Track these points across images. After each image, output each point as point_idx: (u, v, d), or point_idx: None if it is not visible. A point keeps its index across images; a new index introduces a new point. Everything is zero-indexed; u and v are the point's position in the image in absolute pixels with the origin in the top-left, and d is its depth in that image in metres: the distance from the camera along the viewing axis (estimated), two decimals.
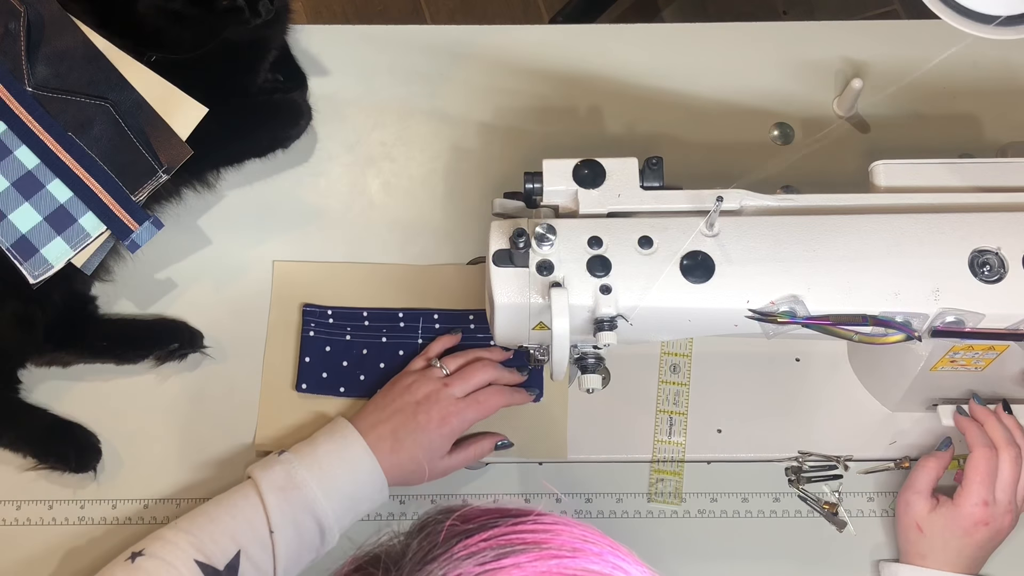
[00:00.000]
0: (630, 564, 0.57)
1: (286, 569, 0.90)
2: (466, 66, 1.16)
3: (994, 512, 0.92)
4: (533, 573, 0.54)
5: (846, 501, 1.01)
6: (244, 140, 1.09)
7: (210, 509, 0.91)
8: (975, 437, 0.94)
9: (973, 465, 0.93)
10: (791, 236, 0.86)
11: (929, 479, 0.96)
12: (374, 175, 1.13)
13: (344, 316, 1.06)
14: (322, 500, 0.91)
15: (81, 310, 1.05)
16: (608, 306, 0.84)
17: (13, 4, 0.99)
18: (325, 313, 1.06)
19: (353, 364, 1.05)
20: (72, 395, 1.04)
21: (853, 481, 1.02)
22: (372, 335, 1.06)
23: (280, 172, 1.12)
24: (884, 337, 0.85)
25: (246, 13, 0.99)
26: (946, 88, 1.15)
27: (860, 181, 0.94)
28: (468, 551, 0.55)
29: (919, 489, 0.96)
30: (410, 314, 1.06)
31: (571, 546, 0.56)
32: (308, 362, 1.04)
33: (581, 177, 0.89)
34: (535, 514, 0.57)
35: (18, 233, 0.97)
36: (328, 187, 1.12)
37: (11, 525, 1.01)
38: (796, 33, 1.18)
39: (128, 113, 0.99)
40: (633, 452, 1.03)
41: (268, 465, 0.93)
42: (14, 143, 0.98)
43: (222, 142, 1.06)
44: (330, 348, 1.05)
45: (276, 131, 1.10)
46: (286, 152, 1.12)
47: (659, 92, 1.15)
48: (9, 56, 0.98)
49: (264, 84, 1.10)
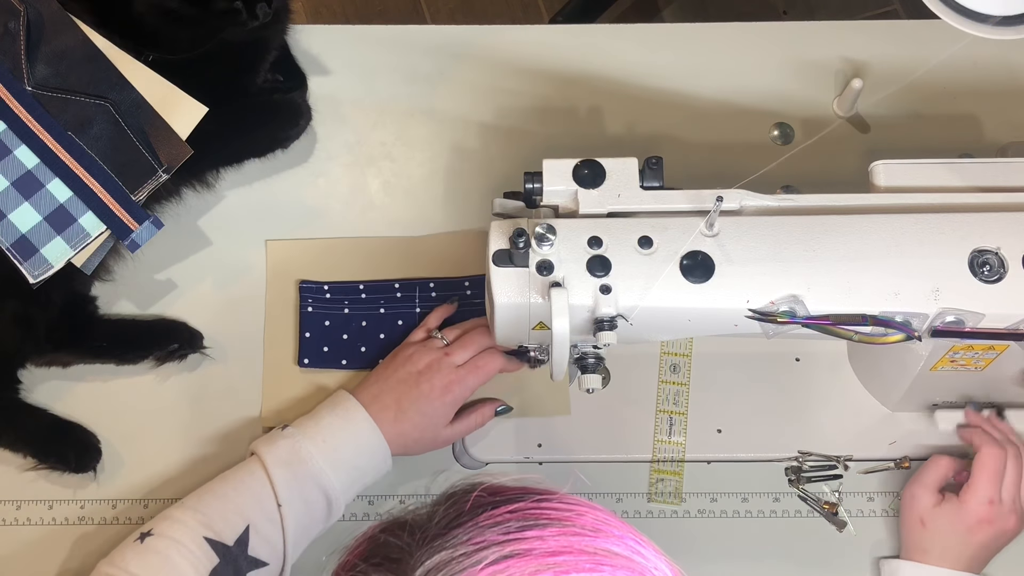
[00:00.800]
0: (647, 549, 0.59)
1: (295, 542, 0.91)
2: (466, 66, 1.16)
3: (999, 511, 0.92)
4: (555, 547, 0.56)
5: (846, 501, 1.01)
6: (244, 140, 1.09)
7: (216, 487, 0.92)
8: (982, 438, 0.95)
9: (981, 463, 0.93)
10: (791, 236, 0.86)
11: (938, 475, 0.96)
12: (374, 175, 1.13)
13: (341, 290, 1.07)
14: (328, 472, 0.92)
15: (81, 310, 1.05)
16: (608, 306, 0.84)
17: (13, 3, 0.98)
18: (322, 288, 1.07)
19: (353, 336, 1.05)
20: (72, 395, 1.04)
21: (853, 481, 1.02)
22: (370, 307, 1.06)
23: (280, 172, 1.12)
24: (884, 337, 0.85)
25: (243, 15, 0.99)
26: (946, 88, 1.15)
27: (860, 181, 0.94)
28: (493, 520, 0.57)
29: (926, 483, 0.96)
30: (406, 284, 1.07)
31: (593, 526, 0.58)
32: (308, 337, 1.05)
33: (581, 177, 0.89)
34: (560, 494, 0.60)
35: (18, 233, 0.97)
36: (328, 187, 1.12)
37: (11, 525, 1.01)
38: (796, 33, 1.18)
39: (128, 112, 0.99)
40: (633, 452, 1.03)
41: (272, 440, 0.94)
42: (14, 143, 0.97)
43: (222, 142, 1.06)
44: (329, 322, 1.06)
45: (276, 131, 1.10)
46: (286, 152, 1.12)
47: (659, 92, 1.15)
48: (9, 55, 0.98)
49: (264, 84, 1.10)
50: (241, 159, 1.10)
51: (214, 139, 1.02)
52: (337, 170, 1.13)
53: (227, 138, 1.07)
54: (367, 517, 1.01)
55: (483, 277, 1.05)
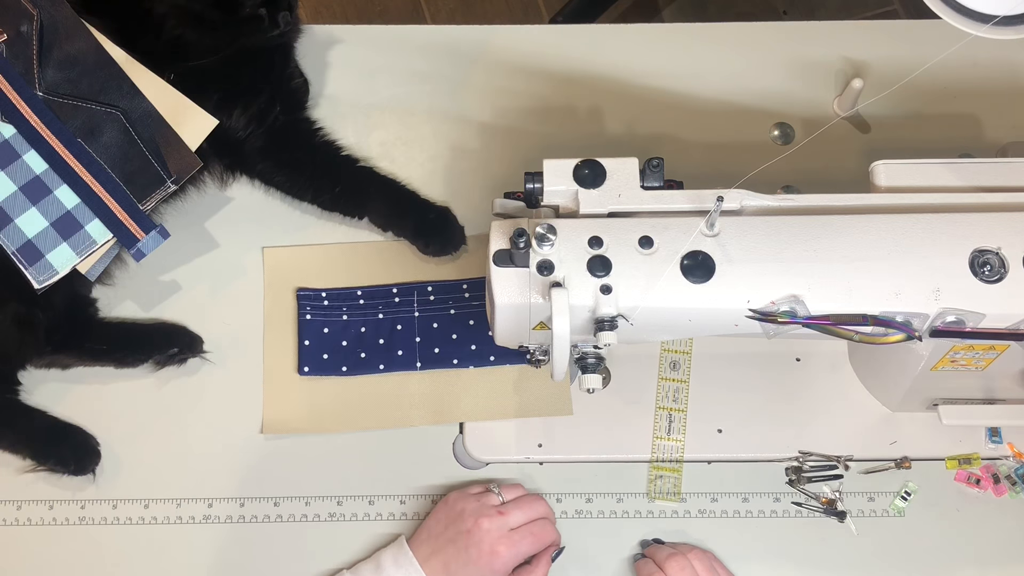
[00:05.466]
0: None
1: None
2: (466, 66, 1.16)
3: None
4: None
5: (846, 501, 1.01)
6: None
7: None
8: (659, 555, 0.94)
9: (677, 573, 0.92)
10: (791, 236, 0.86)
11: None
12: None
13: (338, 297, 1.07)
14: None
15: (81, 313, 1.05)
16: (608, 306, 0.84)
17: (26, 7, 0.98)
18: (319, 296, 1.07)
19: (353, 343, 1.05)
20: (72, 398, 1.04)
21: (853, 481, 1.02)
22: (368, 312, 1.06)
23: None
24: (884, 337, 0.85)
25: (266, 22, 0.99)
26: (946, 88, 1.15)
27: (860, 181, 0.94)
28: None
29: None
30: (404, 288, 1.07)
31: None
32: (308, 345, 1.05)
33: (581, 177, 0.89)
34: None
35: (24, 238, 0.97)
36: None
37: (11, 525, 1.01)
38: (796, 33, 1.18)
39: (138, 122, 0.99)
40: (633, 452, 1.03)
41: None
42: (23, 147, 0.97)
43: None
44: (328, 329, 1.05)
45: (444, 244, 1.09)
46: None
47: (659, 92, 1.15)
48: (21, 59, 0.98)
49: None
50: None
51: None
52: None
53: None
54: (367, 517, 1.01)
55: (481, 280, 1.05)
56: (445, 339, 1.06)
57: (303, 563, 1.00)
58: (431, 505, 1.01)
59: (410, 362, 1.05)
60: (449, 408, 1.04)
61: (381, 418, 1.04)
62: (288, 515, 1.02)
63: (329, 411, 1.04)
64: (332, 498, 1.02)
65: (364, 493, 1.02)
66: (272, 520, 1.01)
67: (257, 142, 1.05)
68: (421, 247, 1.07)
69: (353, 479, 1.03)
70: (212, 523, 1.01)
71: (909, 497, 1.02)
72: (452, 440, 1.04)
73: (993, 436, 1.02)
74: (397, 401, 1.04)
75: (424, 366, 1.05)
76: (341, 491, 1.02)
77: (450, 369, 1.05)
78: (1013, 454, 1.02)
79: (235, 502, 1.02)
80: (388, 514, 1.02)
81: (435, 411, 1.04)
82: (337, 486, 1.03)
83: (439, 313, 1.07)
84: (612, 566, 1.00)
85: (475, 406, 1.04)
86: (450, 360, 1.05)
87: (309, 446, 1.04)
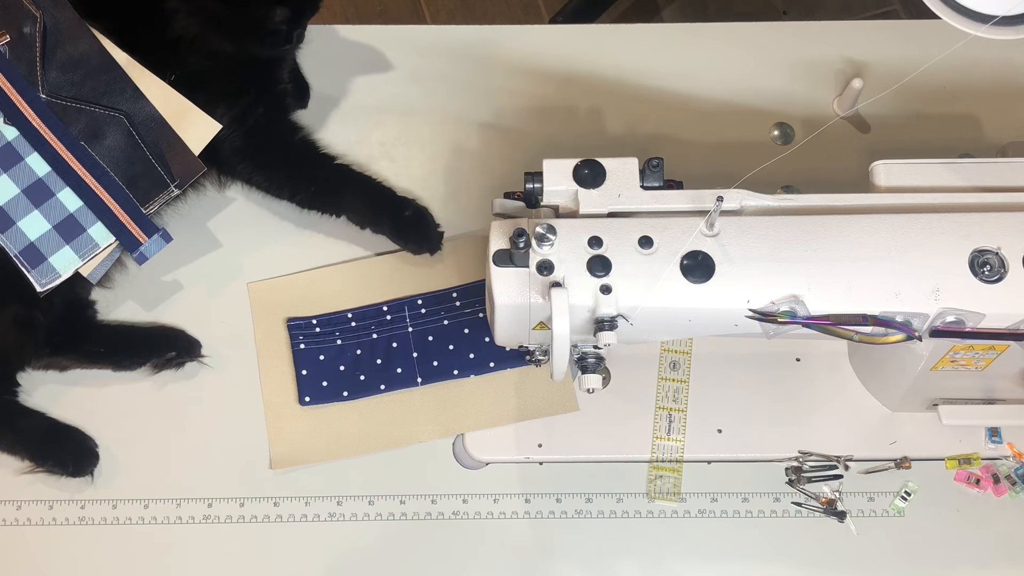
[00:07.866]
0: None
1: None
2: (466, 66, 1.16)
3: None
4: None
5: (846, 501, 1.01)
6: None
7: None
8: None
9: None
10: (791, 236, 0.86)
11: None
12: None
13: (329, 322, 1.06)
14: None
15: (80, 315, 1.05)
16: (608, 306, 0.84)
17: (30, 8, 0.98)
18: (310, 323, 1.06)
19: (350, 367, 1.05)
20: (70, 399, 1.04)
21: (853, 481, 1.02)
22: (362, 334, 1.06)
23: None
24: (884, 337, 0.85)
25: (282, 38, 1.00)
26: (946, 88, 1.15)
27: (860, 181, 0.94)
28: None
29: None
30: (394, 305, 1.07)
31: None
32: (305, 375, 1.04)
33: (581, 177, 0.89)
34: None
35: (27, 240, 0.97)
36: None
37: (11, 525, 1.01)
38: (796, 33, 1.18)
39: (142, 125, 0.99)
40: (633, 452, 1.03)
41: None
42: (25, 150, 0.97)
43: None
44: (324, 356, 1.05)
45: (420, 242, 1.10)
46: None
47: (659, 92, 1.15)
48: (24, 61, 0.97)
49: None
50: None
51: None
52: None
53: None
54: (367, 517, 1.01)
55: (470, 286, 1.05)
56: (442, 351, 1.05)
57: (303, 563, 1.00)
58: (431, 505, 1.01)
59: (411, 378, 1.05)
60: (456, 420, 1.03)
61: (389, 438, 1.03)
62: (288, 515, 1.02)
63: (336, 438, 1.03)
64: (332, 498, 1.02)
65: (364, 493, 1.02)
66: (272, 520, 1.02)
67: (236, 142, 1.05)
68: (401, 245, 1.07)
69: (353, 479, 1.03)
70: (212, 523, 1.01)
71: (909, 497, 1.02)
72: (452, 440, 1.04)
73: (993, 436, 1.02)
74: (403, 419, 1.04)
75: (425, 381, 1.04)
76: (341, 491, 1.02)
77: (451, 380, 1.05)
78: (1013, 454, 1.02)
79: (235, 502, 1.02)
80: (388, 514, 1.02)
81: (442, 425, 1.03)
82: (337, 486, 1.03)
83: (433, 325, 1.06)
84: (612, 566, 1.00)
85: (481, 414, 1.03)
86: (450, 371, 1.05)
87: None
